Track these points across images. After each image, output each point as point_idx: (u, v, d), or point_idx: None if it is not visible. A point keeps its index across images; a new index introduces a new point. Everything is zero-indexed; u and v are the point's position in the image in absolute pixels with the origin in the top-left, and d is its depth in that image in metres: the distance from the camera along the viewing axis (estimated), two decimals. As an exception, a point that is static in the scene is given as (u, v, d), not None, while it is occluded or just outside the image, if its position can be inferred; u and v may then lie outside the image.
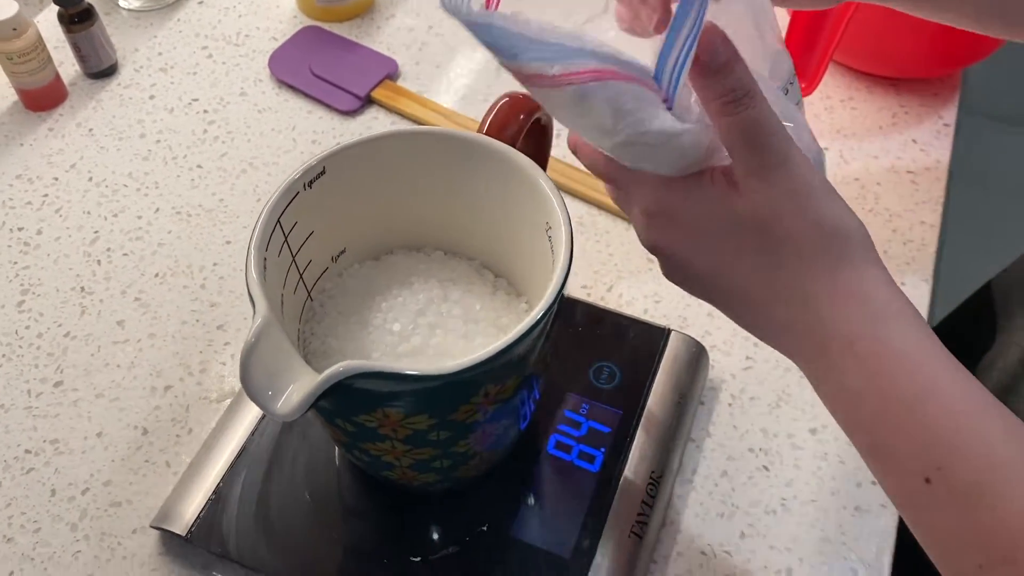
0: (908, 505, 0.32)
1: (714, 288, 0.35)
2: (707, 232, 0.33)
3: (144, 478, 0.48)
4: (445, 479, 0.42)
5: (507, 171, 0.40)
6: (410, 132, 0.42)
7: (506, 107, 0.42)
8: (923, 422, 0.30)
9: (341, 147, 0.40)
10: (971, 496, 0.29)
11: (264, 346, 0.33)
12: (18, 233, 0.59)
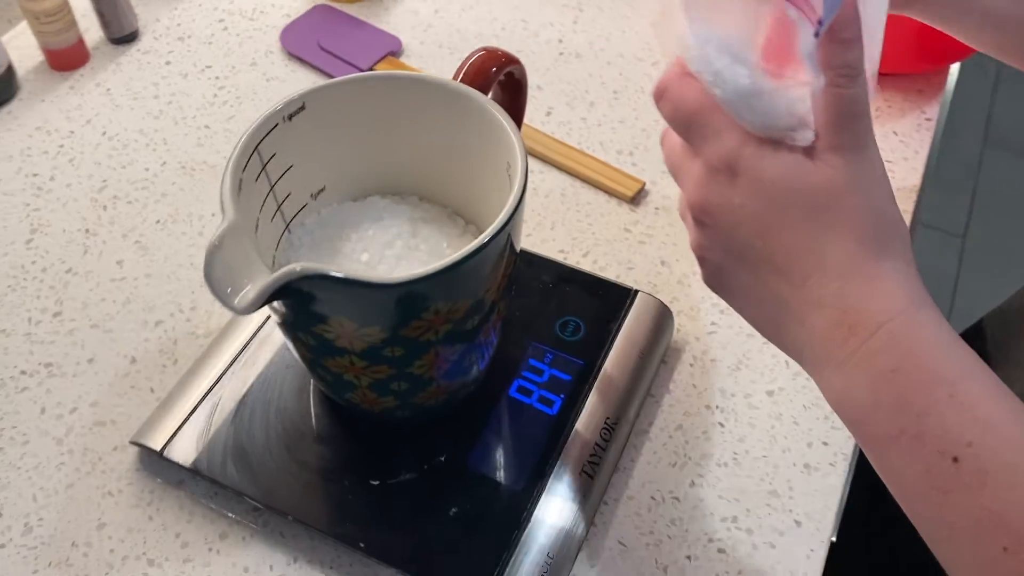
0: (929, 489, 0.31)
1: (751, 255, 0.35)
2: (767, 195, 0.33)
3: (129, 401, 0.51)
4: (404, 405, 0.45)
5: (476, 115, 0.43)
6: (388, 75, 0.44)
7: (481, 58, 0.45)
8: (960, 400, 0.30)
9: (322, 85, 0.43)
10: (1000, 475, 0.29)
11: (228, 247, 0.35)
12: (32, 178, 0.62)
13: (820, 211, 0.33)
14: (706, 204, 0.35)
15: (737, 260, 0.36)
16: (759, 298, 0.36)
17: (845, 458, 0.49)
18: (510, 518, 0.45)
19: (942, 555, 0.31)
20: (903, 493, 0.32)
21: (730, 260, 0.36)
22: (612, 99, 0.67)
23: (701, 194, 0.35)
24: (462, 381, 0.46)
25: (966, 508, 0.30)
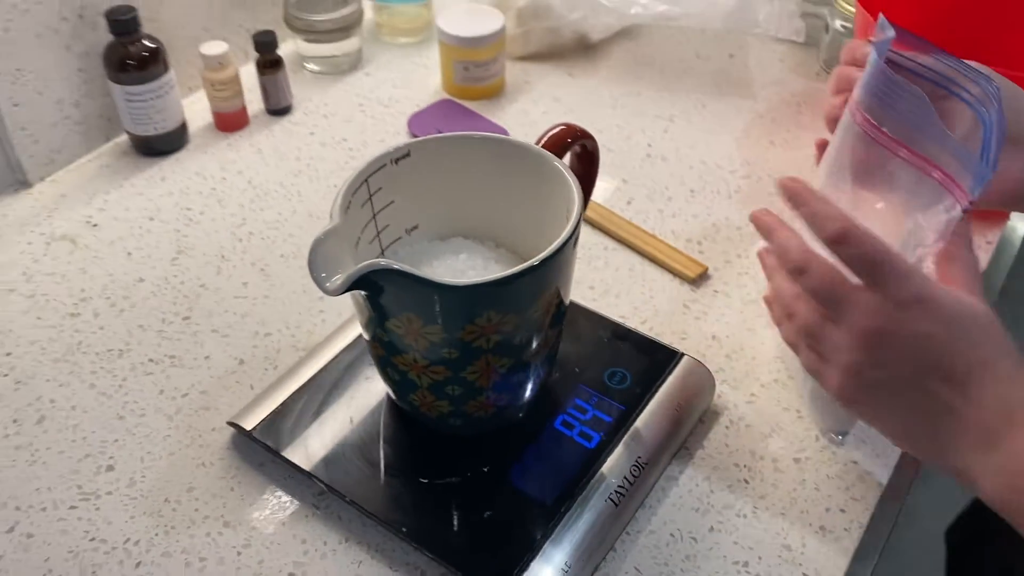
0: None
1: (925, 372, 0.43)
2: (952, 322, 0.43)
3: (232, 394, 0.59)
4: (457, 412, 0.51)
5: (548, 173, 0.51)
6: (480, 135, 0.53)
7: (560, 130, 0.53)
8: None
9: (426, 138, 0.52)
10: None
11: (328, 243, 0.44)
12: (186, 211, 0.74)
13: (988, 332, 0.43)
14: (888, 330, 0.43)
15: (908, 377, 0.44)
16: (921, 409, 0.44)
17: (861, 527, 0.52)
18: (537, 527, 0.50)
19: None
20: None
21: (897, 377, 0.44)
22: (689, 196, 0.75)
23: (880, 322, 0.43)
24: (509, 399, 0.52)
25: None
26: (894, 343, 0.43)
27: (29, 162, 0.75)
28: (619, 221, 0.71)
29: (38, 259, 0.70)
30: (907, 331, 0.43)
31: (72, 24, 0.73)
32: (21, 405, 0.59)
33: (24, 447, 0.57)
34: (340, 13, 0.86)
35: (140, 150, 0.79)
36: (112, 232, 0.72)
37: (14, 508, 0.53)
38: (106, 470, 0.55)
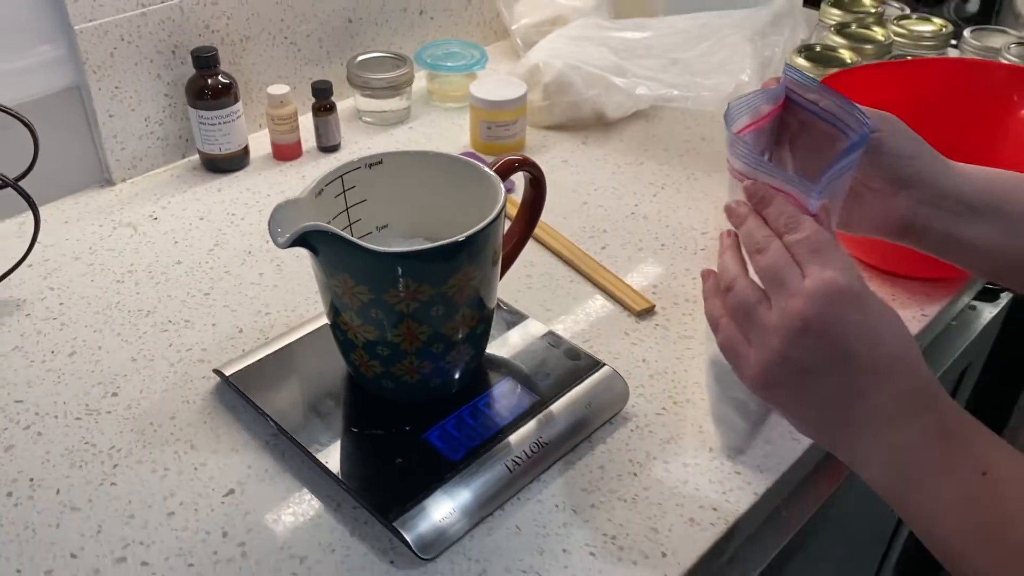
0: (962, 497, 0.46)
1: (842, 360, 0.49)
2: (875, 314, 0.49)
3: (226, 354, 0.71)
4: (388, 375, 0.61)
5: (490, 186, 0.61)
6: (441, 154, 0.65)
7: (510, 158, 0.64)
8: None
9: (398, 151, 0.64)
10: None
11: (286, 208, 0.56)
12: (230, 216, 0.88)
13: (895, 328, 0.50)
14: (812, 318, 0.48)
15: (826, 366, 0.49)
16: (832, 397, 0.50)
17: (727, 524, 0.59)
18: (437, 476, 0.58)
19: None
20: (939, 517, 0.46)
21: (815, 365, 0.49)
22: (658, 248, 0.84)
23: (807, 309, 0.48)
24: (433, 369, 0.61)
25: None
26: (819, 331, 0.48)
27: (115, 165, 0.91)
28: (583, 256, 0.81)
29: (104, 238, 0.84)
30: (835, 320, 0.48)
31: (165, 57, 0.90)
32: (60, 341, 0.72)
33: (54, 371, 0.70)
34: (392, 74, 1.01)
35: (207, 166, 0.94)
36: (167, 225, 0.86)
37: (34, 413, 0.66)
38: (111, 396, 0.67)
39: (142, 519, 0.58)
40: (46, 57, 0.84)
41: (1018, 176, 0.61)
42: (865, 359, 0.49)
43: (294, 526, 0.58)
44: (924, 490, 0.47)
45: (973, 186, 0.60)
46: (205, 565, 0.56)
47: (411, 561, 0.56)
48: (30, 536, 0.57)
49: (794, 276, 0.50)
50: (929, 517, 0.48)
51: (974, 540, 0.46)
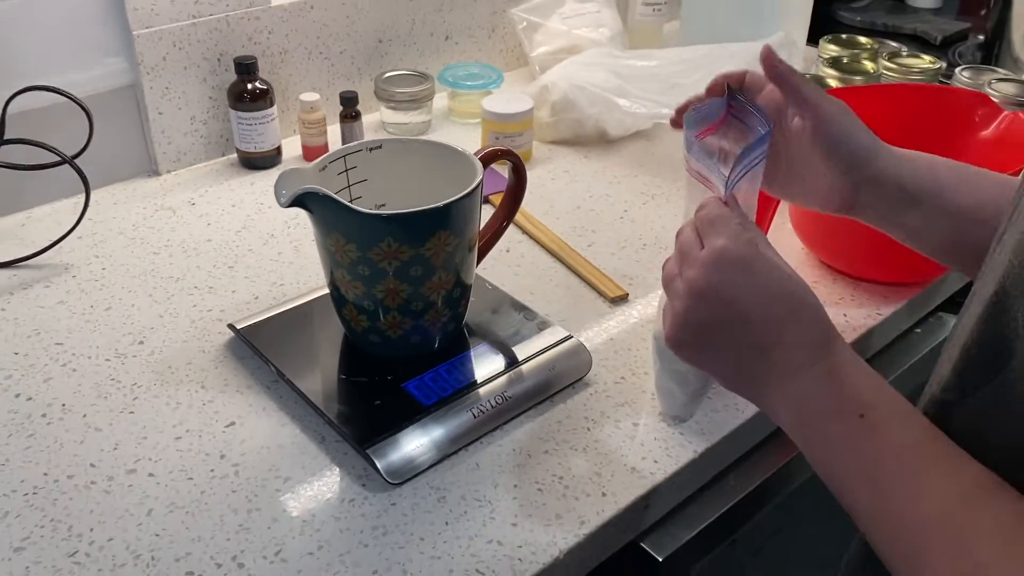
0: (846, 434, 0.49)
1: (742, 316, 0.52)
2: (769, 278, 0.53)
3: (241, 315, 0.80)
4: (374, 329, 0.69)
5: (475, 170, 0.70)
6: (433, 142, 0.74)
7: (493, 149, 0.73)
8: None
9: (396, 138, 0.73)
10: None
11: (290, 175, 0.65)
12: (259, 204, 0.98)
13: (793, 295, 0.53)
14: (710, 279, 0.52)
15: (728, 321, 0.53)
16: (741, 351, 0.53)
17: (664, 474, 0.65)
18: (410, 415, 0.66)
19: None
20: (828, 459, 0.50)
21: (719, 321, 0.53)
22: (640, 248, 0.91)
23: (704, 272, 0.52)
24: (414, 325, 0.70)
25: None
26: (710, 297, 0.53)
27: (162, 158, 1.02)
28: (569, 250, 0.89)
29: (146, 218, 0.95)
30: (723, 285, 0.52)
31: (211, 63, 1.01)
32: (99, 299, 0.83)
33: (91, 322, 0.79)
34: (415, 89, 1.11)
35: (243, 163, 1.05)
36: (202, 209, 0.97)
37: (71, 354, 0.76)
38: (138, 343, 0.77)
39: (153, 441, 0.67)
40: (109, 60, 0.96)
41: (958, 167, 0.66)
42: (758, 318, 0.52)
43: (282, 453, 0.66)
44: (817, 434, 0.52)
45: (912, 173, 0.64)
46: (202, 479, 0.64)
47: (381, 485, 0.63)
48: (58, 448, 0.66)
49: (694, 248, 0.55)
50: (823, 460, 0.51)
51: (857, 479, 0.49)
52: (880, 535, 0.47)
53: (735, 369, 0.55)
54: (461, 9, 1.22)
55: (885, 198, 0.65)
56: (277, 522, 0.61)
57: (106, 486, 0.63)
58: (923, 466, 0.46)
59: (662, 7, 1.33)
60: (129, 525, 0.61)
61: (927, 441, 0.47)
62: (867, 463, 0.48)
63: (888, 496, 0.46)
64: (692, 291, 0.54)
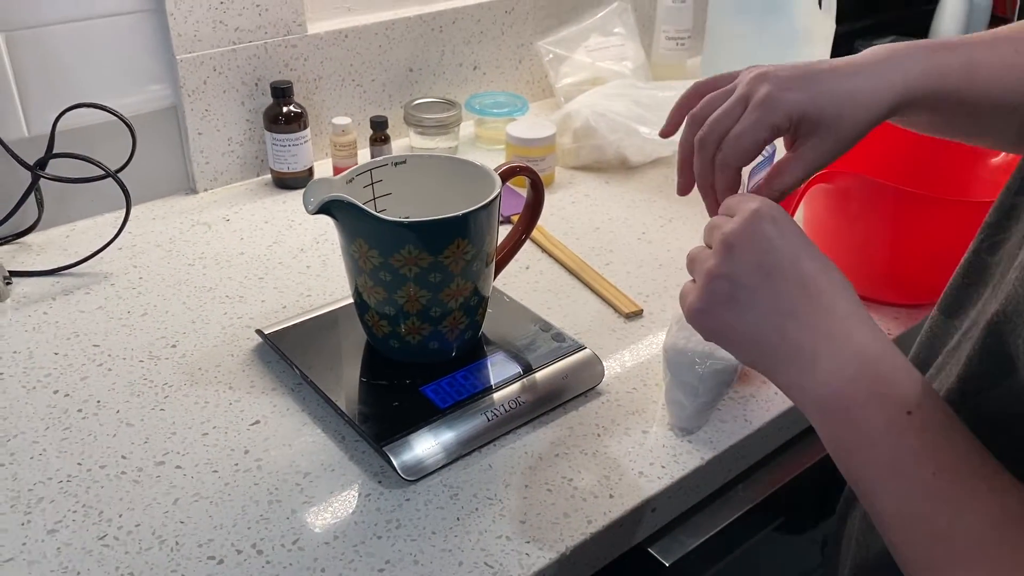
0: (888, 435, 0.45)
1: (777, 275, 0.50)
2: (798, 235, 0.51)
3: (270, 320, 0.84)
4: (394, 335, 0.72)
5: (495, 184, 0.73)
6: (454, 158, 0.77)
7: (512, 165, 0.76)
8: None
9: (421, 154, 0.77)
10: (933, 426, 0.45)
11: (318, 184, 0.68)
12: (290, 221, 1.02)
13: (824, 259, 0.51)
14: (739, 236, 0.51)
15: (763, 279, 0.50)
16: (772, 308, 0.50)
17: (671, 479, 0.67)
18: (426, 417, 0.69)
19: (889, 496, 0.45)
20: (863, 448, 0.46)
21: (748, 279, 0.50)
22: (657, 267, 0.94)
23: (734, 230, 0.51)
24: (432, 331, 0.72)
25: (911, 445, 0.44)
26: (744, 246, 0.51)
27: (200, 176, 1.07)
28: (586, 267, 0.92)
29: (183, 232, 0.99)
30: (756, 235, 0.51)
31: (249, 88, 1.06)
32: (135, 305, 0.87)
33: (128, 326, 0.83)
34: (443, 115, 1.15)
35: (276, 183, 1.09)
36: (236, 225, 1.01)
37: (107, 355, 0.79)
38: (171, 347, 0.81)
39: (182, 436, 0.70)
40: (153, 82, 1.01)
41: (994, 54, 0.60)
42: (789, 271, 0.50)
43: (303, 450, 0.69)
44: (856, 420, 0.47)
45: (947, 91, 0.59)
46: (227, 472, 0.67)
47: (396, 482, 0.66)
48: (92, 440, 0.70)
49: (724, 220, 0.54)
50: (856, 448, 0.47)
51: (895, 478, 0.45)
52: (908, 539, 0.45)
53: (759, 336, 0.51)
54: (489, 41, 1.27)
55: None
56: (296, 513, 0.64)
57: (136, 476, 0.67)
58: (971, 480, 0.43)
59: (685, 41, 1.37)
60: (156, 512, 0.64)
61: (974, 454, 0.44)
62: (910, 463, 0.45)
63: (929, 502, 0.44)
64: (723, 246, 0.52)
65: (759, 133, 0.58)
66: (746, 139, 0.58)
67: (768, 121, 0.58)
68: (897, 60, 0.59)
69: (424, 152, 1.17)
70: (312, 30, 1.10)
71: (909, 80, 0.58)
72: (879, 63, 0.59)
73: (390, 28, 1.16)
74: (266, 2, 1.04)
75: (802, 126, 0.59)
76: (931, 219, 0.82)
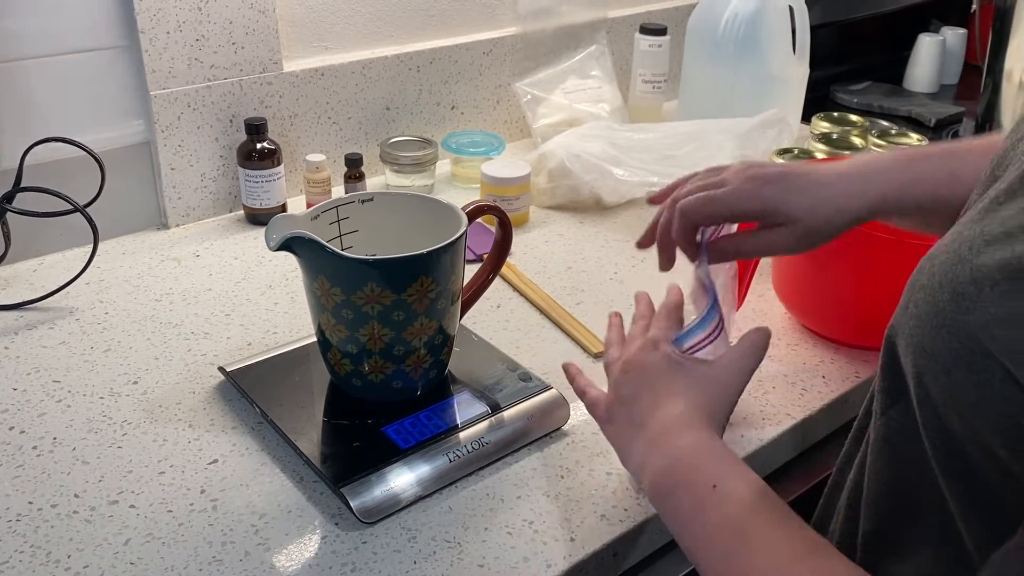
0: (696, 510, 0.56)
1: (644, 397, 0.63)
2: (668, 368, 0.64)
3: (234, 357, 0.83)
4: (356, 373, 0.71)
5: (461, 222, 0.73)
6: (422, 196, 0.77)
7: (480, 204, 0.76)
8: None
9: (387, 192, 0.77)
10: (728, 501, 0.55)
11: (281, 220, 0.68)
12: (260, 258, 1.01)
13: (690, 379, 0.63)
14: (636, 360, 0.65)
15: (631, 397, 0.63)
16: (639, 418, 0.62)
17: (634, 521, 0.66)
18: (387, 458, 0.68)
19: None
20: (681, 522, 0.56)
21: (629, 395, 0.64)
22: (627, 307, 0.93)
23: (633, 356, 0.65)
24: (396, 371, 0.72)
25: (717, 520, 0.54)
26: (632, 369, 0.64)
27: (172, 211, 1.07)
28: (556, 306, 0.91)
29: (152, 268, 0.99)
30: (641, 361, 0.64)
31: (224, 124, 1.06)
32: (99, 340, 0.85)
33: (90, 361, 0.82)
34: (419, 153, 1.16)
35: (249, 219, 1.09)
36: (206, 261, 1.00)
37: (67, 391, 0.78)
38: (132, 383, 0.79)
39: (138, 474, 0.69)
40: (126, 117, 1.01)
41: (940, 163, 0.65)
42: (663, 385, 0.63)
43: (260, 491, 0.68)
44: (672, 501, 0.57)
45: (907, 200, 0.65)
46: (181, 512, 0.66)
47: (354, 524, 0.65)
48: (45, 479, 0.68)
49: (636, 338, 0.68)
50: (676, 532, 0.57)
51: (704, 540, 0.54)
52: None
53: (632, 438, 0.63)
54: (467, 81, 1.27)
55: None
56: (249, 555, 0.62)
57: (88, 516, 0.65)
58: (761, 530, 0.52)
59: (662, 85, 1.39)
60: (106, 553, 0.62)
61: (767, 509, 0.53)
62: (713, 527, 0.54)
63: (727, 550, 0.53)
64: (621, 367, 0.65)
65: (726, 208, 0.66)
66: (714, 205, 0.66)
67: (740, 207, 0.65)
68: (876, 172, 0.65)
69: (400, 190, 1.18)
70: (288, 68, 1.10)
71: (886, 191, 0.64)
72: (859, 175, 0.65)
73: (367, 67, 1.17)
74: (242, 40, 1.05)
75: (776, 218, 0.65)
76: (898, 262, 0.81)
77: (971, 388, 0.43)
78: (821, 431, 0.83)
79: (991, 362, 0.41)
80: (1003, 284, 0.42)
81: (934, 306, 0.45)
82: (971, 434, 0.44)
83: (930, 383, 0.45)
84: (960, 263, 0.45)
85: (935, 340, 0.45)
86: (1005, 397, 0.41)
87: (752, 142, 1.12)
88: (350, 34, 1.18)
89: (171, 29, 0.99)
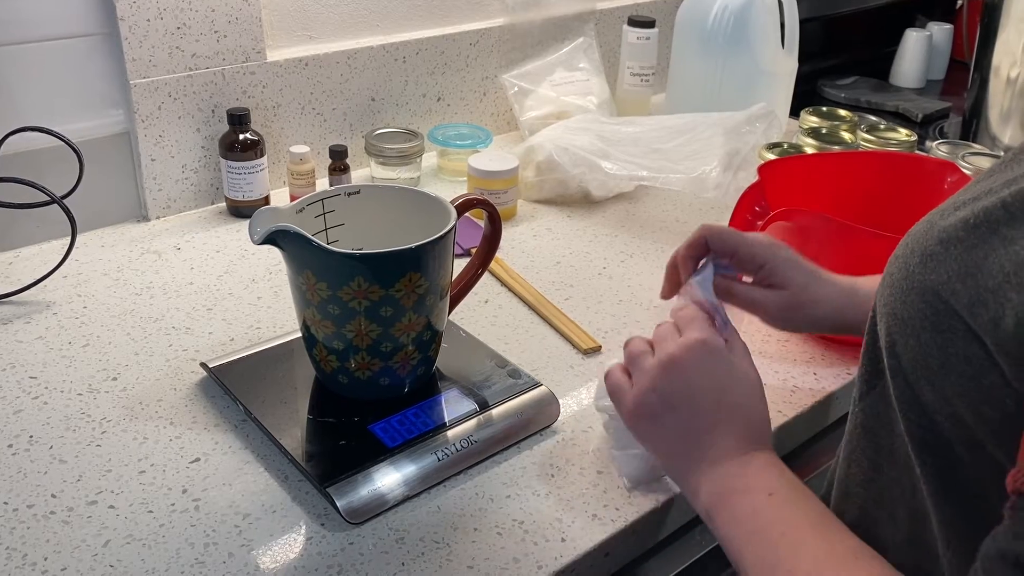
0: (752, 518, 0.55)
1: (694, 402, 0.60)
2: (730, 371, 0.61)
3: (216, 353, 0.81)
4: (343, 370, 0.70)
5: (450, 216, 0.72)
6: (413, 189, 0.76)
7: (469, 198, 0.75)
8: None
9: (374, 184, 0.75)
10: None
11: (265, 213, 0.66)
12: (243, 251, 0.99)
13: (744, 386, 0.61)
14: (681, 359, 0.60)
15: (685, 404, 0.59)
16: (684, 432, 0.60)
17: (625, 521, 0.65)
18: (373, 457, 0.66)
19: None
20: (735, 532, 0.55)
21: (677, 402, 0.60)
22: (616, 303, 0.92)
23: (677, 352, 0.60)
24: (383, 368, 0.70)
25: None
26: (680, 371, 0.60)
27: (152, 203, 1.04)
28: (545, 302, 0.90)
29: (132, 261, 0.97)
30: (692, 365, 0.60)
31: (205, 115, 1.04)
32: (77, 335, 0.83)
33: (67, 357, 0.80)
34: (405, 145, 1.14)
35: (231, 212, 1.07)
36: (187, 254, 0.98)
37: (44, 387, 0.76)
38: (111, 379, 0.77)
39: (117, 474, 0.67)
40: (105, 107, 0.99)
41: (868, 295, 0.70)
42: (710, 402, 0.59)
43: (244, 490, 0.66)
44: (727, 509, 0.56)
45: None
46: (162, 513, 0.64)
47: (340, 525, 0.63)
48: (21, 478, 0.66)
49: (674, 335, 0.62)
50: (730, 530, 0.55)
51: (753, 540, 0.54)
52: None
53: (673, 447, 0.61)
54: (454, 73, 1.26)
55: None
56: (233, 557, 0.61)
57: (65, 516, 0.63)
58: (808, 533, 0.52)
59: (649, 78, 1.37)
60: (84, 555, 0.60)
61: (818, 516, 0.53)
62: (764, 527, 0.54)
63: (774, 552, 0.52)
64: (666, 362, 0.60)
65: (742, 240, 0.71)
66: (732, 233, 0.72)
67: (752, 247, 0.71)
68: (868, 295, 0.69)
69: (385, 183, 1.16)
70: (272, 57, 1.08)
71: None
72: (867, 292, 0.71)
73: (352, 57, 1.15)
74: (225, 28, 1.03)
75: (773, 277, 0.72)
76: (890, 258, 0.81)
77: (936, 349, 0.44)
78: (812, 428, 0.82)
79: (955, 320, 0.42)
80: (966, 240, 0.43)
81: (905, 271, 0.46)
82: (941, 403, 0.44)
83: (901, 351, 0.46)
84: (931, 228, 0.46)
85: (905, 304, 0.46)
86: (967, 356, 0.42)
87: (741, 136, 1.11)
88: (335, 23, 1.16)
89: (152, 16, 0.97)
